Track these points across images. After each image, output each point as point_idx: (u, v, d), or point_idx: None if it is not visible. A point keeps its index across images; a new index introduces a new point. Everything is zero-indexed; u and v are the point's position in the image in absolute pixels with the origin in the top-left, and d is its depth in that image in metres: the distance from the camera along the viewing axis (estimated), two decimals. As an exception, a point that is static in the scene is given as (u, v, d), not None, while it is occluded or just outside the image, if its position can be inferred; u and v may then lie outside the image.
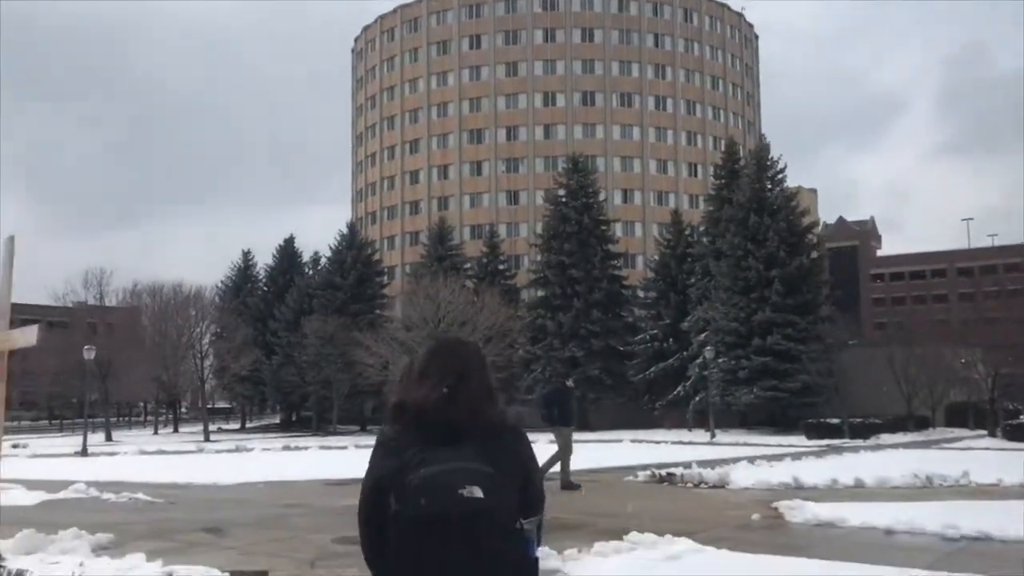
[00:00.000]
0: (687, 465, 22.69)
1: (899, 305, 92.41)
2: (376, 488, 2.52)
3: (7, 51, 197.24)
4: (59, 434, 69.32)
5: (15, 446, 40.39)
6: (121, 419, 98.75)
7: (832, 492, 14.85)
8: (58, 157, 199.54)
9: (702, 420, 52.86)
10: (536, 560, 2.56)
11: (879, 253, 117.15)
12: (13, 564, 7.93)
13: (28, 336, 7.87)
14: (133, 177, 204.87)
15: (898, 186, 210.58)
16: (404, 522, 2.43)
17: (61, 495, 15.25)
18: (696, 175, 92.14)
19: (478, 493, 2.39)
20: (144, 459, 31.99)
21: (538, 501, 2.61)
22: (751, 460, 21.65)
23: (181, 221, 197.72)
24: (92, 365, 60.13)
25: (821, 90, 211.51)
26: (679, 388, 55.59)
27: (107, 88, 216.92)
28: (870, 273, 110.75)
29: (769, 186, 51.52)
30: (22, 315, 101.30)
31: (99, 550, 9.36)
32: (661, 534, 9.42)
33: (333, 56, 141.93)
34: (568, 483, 14.90)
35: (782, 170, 51.93)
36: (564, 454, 15.02)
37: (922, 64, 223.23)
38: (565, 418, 15.22)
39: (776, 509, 12.28)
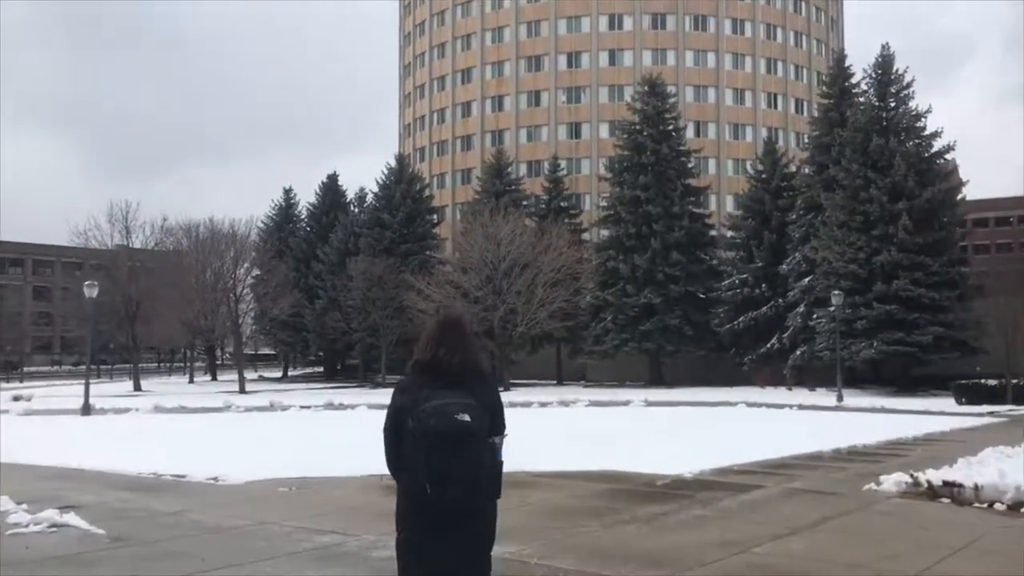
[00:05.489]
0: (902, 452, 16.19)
1: (981, 254, 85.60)
2: (396, 413, 3.90)
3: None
4: (96, 380, 64.46)
5: (16, 398, 34.75)
6: (162, 366, 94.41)
7: None
8: (107, 105, 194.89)
9: (801, 377, 46.39)
10: (502, 463, 3.93)
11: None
12: None
13: None
14: (170, 125, 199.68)
15: (968, 131, 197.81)
16: (418, 436, 3.72)
17: (-51, 513, 9.06)
18: (776, 107, 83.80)
19: (466, 418, 3.71)
20: (156, 420, 26.19)
21: (502, 425, 3.98)
22: (993, 445, 14.78)
23: (223, 168, 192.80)
24: (120, 306, 55.72)
25: (887, 30, 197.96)
26: (773, 340, 48.72)
27: (142, 33, 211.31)
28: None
29: (893, 103, 43.63)
30: (67, 258, 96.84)
31: None
32: None
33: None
34: None
35: (909, 84, 43.75)
36: None
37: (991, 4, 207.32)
38: None
39: None
